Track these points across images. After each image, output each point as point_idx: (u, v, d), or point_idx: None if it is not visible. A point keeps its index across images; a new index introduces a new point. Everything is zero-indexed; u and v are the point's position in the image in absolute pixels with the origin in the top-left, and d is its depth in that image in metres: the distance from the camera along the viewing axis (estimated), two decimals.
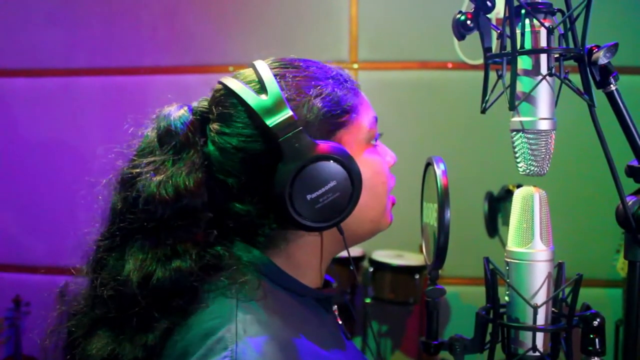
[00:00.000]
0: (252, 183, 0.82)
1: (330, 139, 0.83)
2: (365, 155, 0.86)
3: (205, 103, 0.88)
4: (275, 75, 0.82)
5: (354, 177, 0.80)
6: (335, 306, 0.97)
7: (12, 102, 3.50)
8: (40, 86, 3.47)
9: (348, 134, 0.85)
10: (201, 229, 0.81)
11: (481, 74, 0.85)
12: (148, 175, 0.80)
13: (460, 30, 0.82)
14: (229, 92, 0.83)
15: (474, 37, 0.88)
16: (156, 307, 0.78)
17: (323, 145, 0.79)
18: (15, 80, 3.50)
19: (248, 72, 0.86)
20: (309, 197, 0.78)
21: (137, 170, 0.81)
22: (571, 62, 0.83)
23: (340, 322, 0.96)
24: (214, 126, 0.84)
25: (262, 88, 0.81)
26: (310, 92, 0.83)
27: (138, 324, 0.78)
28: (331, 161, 0.78)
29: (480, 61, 3.12)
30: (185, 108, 0.86)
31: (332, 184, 0.78)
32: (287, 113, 0.78)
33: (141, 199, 0.79)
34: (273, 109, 0.78)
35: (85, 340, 0.81)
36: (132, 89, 3.28)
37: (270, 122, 0.78)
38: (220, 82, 0.86)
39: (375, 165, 0.88)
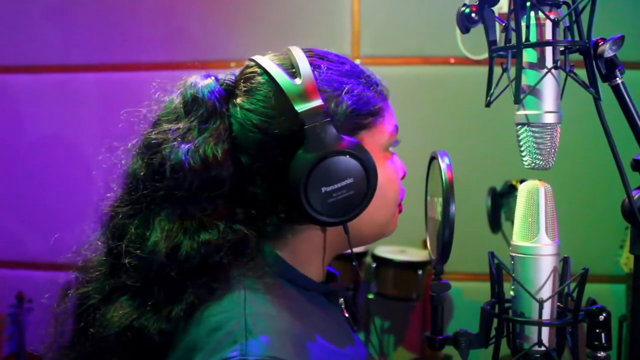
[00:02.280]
0: (265, 165, 0.81)
1: (353, 137, 0.82)
2: (381, 162, 0.86)
3: (232, 77, 0.87)
4: (310, 64, 0.82)
5: (371, 179, 0.79)
6: (342, 299, 0.97)
7: (11, 98, 3.49)
8: (38, 82, 3.46)
9: (370, 137, 0.85)
10: (227, 201, 0.80)
11: (484, 69, 0.85)
12: (175, 143, 0.79)
13: (465, 23, 0.82)
14: (261, 71, 0.83)
15: (476, 33, 0.87)
16: (184, 279, 0.76)
17: (348, 141, 0.78)
18: (13, 77, 3.49)
19: (281, 56, 0.85)
20: (323, 189, 0.77)
21: (162, 136, 0.80)
22: (576, 56, 0.82)
23: (346, 315, 0.96)
24: (238, 101, 0.83)
25: (296, 73, 0.80)
26: (341, 88, 0.82)
27: (164, 295, 0.77)
28: (352, 158, 0.77)
29: (483, 56, 3.11)
30: (213, 78, 0.85)
31: (349, 181, 0.78)
32: (318, 102, 0.77)
33: (168, 166, 0.78)
34: (304, 95, 0.77)
35: (104, 307, 0.79)
36: (130, 85, 3.27)
37: (300, 107, 0.77)
38: (251, 59, 0.85)
39: (390, 172, 0.88)
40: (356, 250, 3.16)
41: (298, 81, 0.79)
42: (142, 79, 3.25)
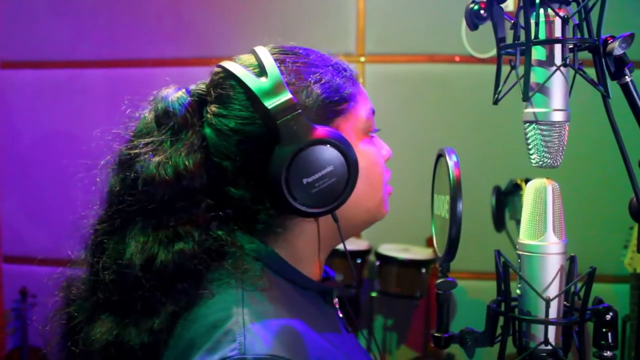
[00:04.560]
0: (247, 166, 0.81)
1: (328, 125, 0.83)
2: (361, 146, 0.87)
3: (203, 86, 0.88)
4: (275, 60, 0.82)
5: (351, 164, 0.79)
6: (337, 299, 0.97)
7: (18, 94, 3.50)
8: (45, 78, 3.46)
9: (345, 122, 0.85)
10: (201, 210, 0.81)
11: (489, 67, 0.85)
12: (146, 156, 0.80)
13: (474, 19, 0.81)
14: (228, 75, 0.83)
15: (481, 31, 0.87)
16: (160, 290, 0.77)
17: (321, 130, 0.78)
18: (20, 73, 3.50)
19: (248, 57, 0.86)
20: (305, 181, 0.77)
21: (135, 151, 0.81)
22: (586, 54, 0.82)
23: (340, 315, 0.96)
24: (212, 108, 0.84)
25: (262, 71, 0.81)
26: (310, 78, 0.83)
27: (143, 307, 0.77)
28: (329, 146, 0.78)
29: (488, 55, 3.08)
30: (183, 90, 0.86)
31: (329, 169, 0.78)
32: (287, 95, 0.78)
33: (140, 180, 0.79)
34: (272, 92, 0.78)
35: (87, 325, 0.80)
36: (137, 81, 3.27)
37: (269, 103, 0.77)
38: (219, 66, 0.86)
39: (371, 155, 0.88)
40: (359, 247, 3.16)
41: (264, 79, 0.80)
42: (148, 75, 3.27)
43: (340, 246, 0.91)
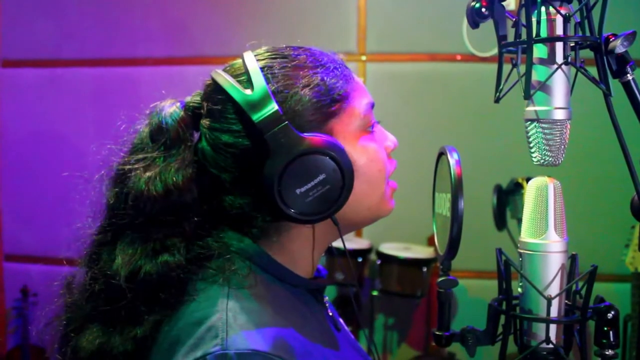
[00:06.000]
0: (245, 178, 0.82)
1: (322, 129, 0.82)
2: (360, 143, 0.86)
3: (198, 98, 0.88)
4: (262, 67, 0.82)
5: (344, 169, 0.79)
6: (327, 297, 0.97)
7: (20, 93, 3.50)
8: (47, 77, 3.46)
9: (340, 123, 0.84)
10: (191, 224, 0.82)
11: (490, 66, 0.85)
12: (138, 171, 0.81)
13: (475, 18, 0.81)
14: (217, 87, 0.83)
15: (483, 30, 0.86)
16: (144, 300, 0.79)
17: (310, 139, 0.78)
18: (22, 71, 3.49)
19: (238, 64, 0.85)
20: (298, 191, 0.78)
21: (129, 166, 0.82)
22: (586, 53, 0.81)
23: (330, 314, 0.96)
24: (205, 122, 0.84)
25: (248, 82, 0.80)
26: (299, 83, 0.82)
27: (127, 317, 0.79)
28: (319, 155, 0.78)
29: (489, 53, 3.07)
30: (178, 104, 0.86)
31: (321, 177, 0.78)
32: (273, 108, 0.77)
33: (130, 195, 0.80)
34: (258, 104, 0.78)
35: (77, 334, 0.82)
36: (137, 80, 3.27)
37: (256, 117, 0.77)
38: (210, 76, 0.86)
39: (371, 152, 0.87)
40: (360, 246, 3.14)
41: (249, 91, 0.79)
42: (142, 74, 3.26)
43: (340, 245, 0.91)
